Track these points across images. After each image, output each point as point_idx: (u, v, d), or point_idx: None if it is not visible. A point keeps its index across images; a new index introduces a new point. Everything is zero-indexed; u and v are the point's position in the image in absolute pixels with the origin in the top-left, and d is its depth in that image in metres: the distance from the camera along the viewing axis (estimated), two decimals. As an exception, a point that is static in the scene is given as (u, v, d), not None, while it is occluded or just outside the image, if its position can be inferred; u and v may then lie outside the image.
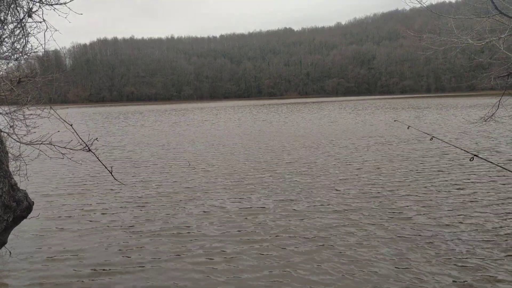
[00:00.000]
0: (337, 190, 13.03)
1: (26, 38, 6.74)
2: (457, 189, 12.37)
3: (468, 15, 10.19)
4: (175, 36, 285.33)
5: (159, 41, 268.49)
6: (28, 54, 6.31)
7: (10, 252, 8.50)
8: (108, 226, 10.39)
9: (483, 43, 10.27)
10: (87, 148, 4.06)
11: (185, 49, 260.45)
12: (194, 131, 36.48)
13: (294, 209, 11.04)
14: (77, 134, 3.90)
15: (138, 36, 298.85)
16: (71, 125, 3.87)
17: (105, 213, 11.51)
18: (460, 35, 10.28)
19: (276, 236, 9.17)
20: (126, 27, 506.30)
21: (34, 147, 5.90)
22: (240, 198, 12.58)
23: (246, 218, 10.53)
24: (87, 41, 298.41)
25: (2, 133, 4.01)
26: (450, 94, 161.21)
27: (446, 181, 13.48)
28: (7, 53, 6.19)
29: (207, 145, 25.91)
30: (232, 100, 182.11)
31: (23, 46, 6.65)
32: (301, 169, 16.71)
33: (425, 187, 12.80)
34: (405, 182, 13.66)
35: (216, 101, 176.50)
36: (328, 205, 11.34)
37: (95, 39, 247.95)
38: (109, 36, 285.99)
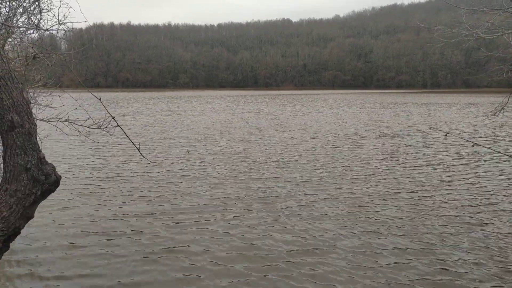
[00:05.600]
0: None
1: (41, 14, 6.62)
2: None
3: (481, 8, 10.09)
4: (172, 23, 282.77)
5: (156, 28, 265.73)
6: (44, 30, 6.18)
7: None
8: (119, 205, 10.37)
9: (494, 36, 10.18)
10: (115, 123, 3.97)
11: (182, 37, 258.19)
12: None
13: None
14: (106, 109, 3.82)
15: (135, 22, 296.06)
16: (100, 99, 3.78)
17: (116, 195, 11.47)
18: (471, 28, 10.18)
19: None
20: (123, 12, 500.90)
21: (51, 124, 5.80)
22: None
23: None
24: (83, 26, 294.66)
25: (31, 103, 3.92)
26: (446, 90, 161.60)
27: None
28: (23, 27, 6.06)
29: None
30: (227, 90, 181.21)
31: (39, 21, 6.52)
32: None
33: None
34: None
35: (211, 90, 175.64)
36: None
37: (91, 24, 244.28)
38: (106, 21, 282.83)
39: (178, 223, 9.43)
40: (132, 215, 9.93)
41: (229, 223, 9.44)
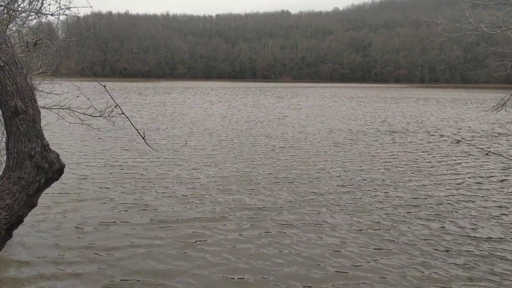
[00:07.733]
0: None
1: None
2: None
3: (485, 1, 10.00)
4: (171, 13, 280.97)
5: (154, 18, 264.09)
6: (48, 14, 6.07)
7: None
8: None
9: (498, 31, 10.10)
10: (120, 112, 3.89)
11: (180, 27, 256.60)
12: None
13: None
14: (111, 96, 3.74)
15: (133, 11, 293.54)
16: (104, 86, 3.71)
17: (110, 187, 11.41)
18: (475, 23, 10.09)
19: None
20: (121, 2, 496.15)
21: (53, 112, 5.72)
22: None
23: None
24: (81, 14, 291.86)
25: (35, 90, 3.85)
26: (444, 85, 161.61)
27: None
28: (26, 11, 5.95)
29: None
30: (225, 81, 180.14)
31: (40, 7, 6.42)
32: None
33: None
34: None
35: (209, 81, 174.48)
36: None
37: (89, 12, 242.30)
38: (104, 10, 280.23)
39: (160, 239, 8.50)
40: (106, 223, 9.11)
41: (218, 239, 8.47)
